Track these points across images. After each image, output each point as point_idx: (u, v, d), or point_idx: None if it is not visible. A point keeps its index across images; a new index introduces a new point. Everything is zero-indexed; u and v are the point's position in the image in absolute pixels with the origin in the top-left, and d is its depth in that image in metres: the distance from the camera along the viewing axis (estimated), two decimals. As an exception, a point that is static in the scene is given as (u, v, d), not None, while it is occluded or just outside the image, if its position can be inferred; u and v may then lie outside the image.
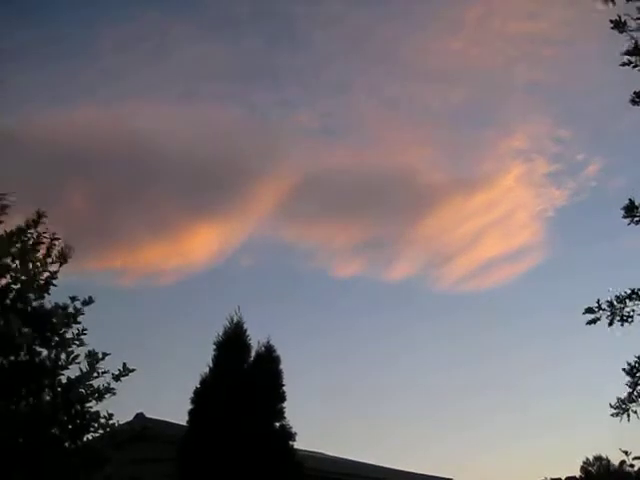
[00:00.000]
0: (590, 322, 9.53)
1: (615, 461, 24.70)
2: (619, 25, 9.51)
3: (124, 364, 7.88)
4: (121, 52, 22.81)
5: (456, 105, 27.10)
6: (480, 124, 27.94)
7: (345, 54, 25.56)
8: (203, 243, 25.83)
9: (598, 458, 28.00)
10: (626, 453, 9.68)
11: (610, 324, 9.44)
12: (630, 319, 9.42)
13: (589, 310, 9.50)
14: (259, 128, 25.48)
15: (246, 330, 11.97)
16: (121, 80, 23.55)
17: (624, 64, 9.50)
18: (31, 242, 7.94)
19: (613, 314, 9.40)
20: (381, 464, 19.08)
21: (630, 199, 9.54)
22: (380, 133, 28.20)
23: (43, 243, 7.98)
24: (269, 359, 12.02)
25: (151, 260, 24.38)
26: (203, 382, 11.51)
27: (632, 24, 9.51)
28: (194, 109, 24.59)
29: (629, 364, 9.27)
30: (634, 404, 9.31)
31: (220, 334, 11.83)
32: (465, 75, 25.46)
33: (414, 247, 30.20)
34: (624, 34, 9.51)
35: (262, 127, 25.66)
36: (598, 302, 9.50)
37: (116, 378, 7.78)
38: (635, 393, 9.33)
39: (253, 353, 12.00)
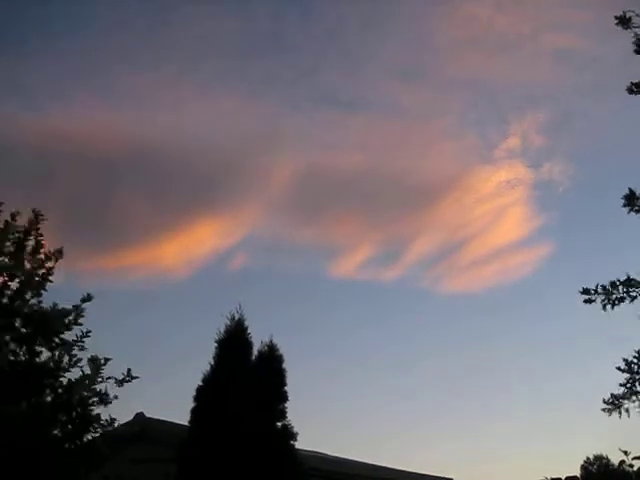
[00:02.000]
0: (586, 302, 9.86)
1: (615, 460, 24.72)
2: (624, 21, 9.50)
3: (129, 370, 7.82)
4: (120, 29, 21.98)
5: (479, 76, 24.95)
6: (506, 95, 26.09)
7: (359, 24, 24.24)
8: (202, 241, 25.78)
9: (598, 457, 28.00)
10: (625, 453, 9.71)
11: (604, 308, 9.67)
12: (621, 302, 9.64)
13: (585, 291, 9.74)
14: (261, 113, 24.67)
15: (247, 328, 11.94)
16: (118, 60, 22.86)
17: None
18: (29, 241, 7.90)
19: (607, 298, 9.63)
20: (382, 464, 19.08)
21: (630, 188, 9.64)
22: (396, 104, 26.10)
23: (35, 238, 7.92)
24: (271, 358, 11.99)
25: (150, 259, 24.37)
26: (205, 380, 11.48)
27: (637, 20, 9.51)
28: (195, 90, 23.75)
29: (625, 360, 9.34)
30: (627, 401, 9.34)
31: (222, 332, 11.80)
32: (490, 44, 23.98)
33: (419, 244, 29.55)
34: (628, 30, 9.51)
35: (264, 112, 24.79)
36: (596, 287, 9.80)
37: (119, 384, 7.73)
38: (631, 390, 9.35)
39: (255, 351, 11.98)
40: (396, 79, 25.11)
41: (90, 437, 7.77)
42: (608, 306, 9.73)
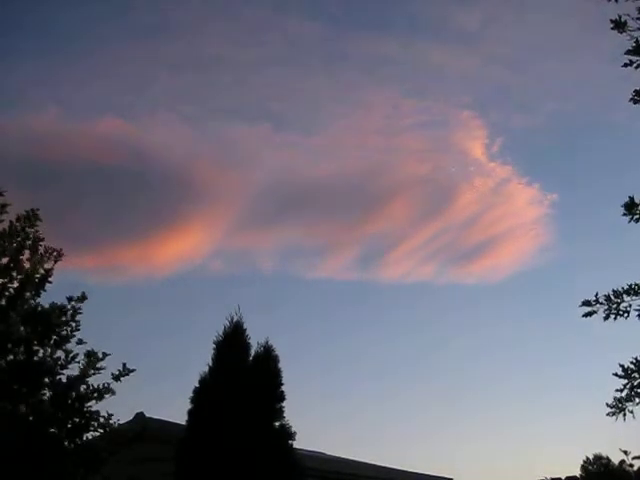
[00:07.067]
0: (585, 315, 9.47)
1: (615, 460, 24.76)
2: (619, 25, 9.48)
3: (124, 364, 7.93)
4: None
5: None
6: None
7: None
8: (199, 243, 25.83)
9: (598, 457, 27.97)
10: (625, 453, 9.74)
11: (606, 318, 9.42)
12: (626, 314, 9.37)
13: (586, 303, 9.46)
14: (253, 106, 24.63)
15: (245, 330, 12.02)
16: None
17: (625, 65, 9.47)
18: (28, 241, 7.95)
19: (609, 308, 9.37)
20: (381, 464, 19.10)
21: (630, 196, 9.45)
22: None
23: (37, 241, 7.97)
24: (268, 358, 12.04)
25: (149, 259, 24.42)
26: (202, 381, 11.53)
27: (632, 24, 9.49)
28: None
29: (622, 366, 9.19)
30: (630, 403, 9.26)
31: (220, 333, 11.90)
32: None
33: (418, 242, 29.33)
34: (624, 34, 9.48)
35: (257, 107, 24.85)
36: (596, 296, 9.45)
37: (116, 378, 7.80)
38: (632, 393, 9.28)
39: (252, 353, 12.03)
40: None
41: (90, 436, 7.79)
42: (611, 317, 9.36)
